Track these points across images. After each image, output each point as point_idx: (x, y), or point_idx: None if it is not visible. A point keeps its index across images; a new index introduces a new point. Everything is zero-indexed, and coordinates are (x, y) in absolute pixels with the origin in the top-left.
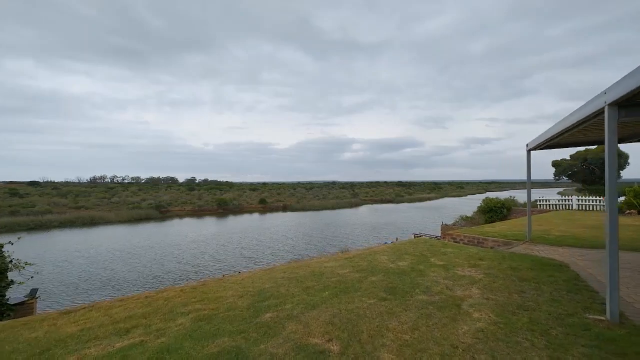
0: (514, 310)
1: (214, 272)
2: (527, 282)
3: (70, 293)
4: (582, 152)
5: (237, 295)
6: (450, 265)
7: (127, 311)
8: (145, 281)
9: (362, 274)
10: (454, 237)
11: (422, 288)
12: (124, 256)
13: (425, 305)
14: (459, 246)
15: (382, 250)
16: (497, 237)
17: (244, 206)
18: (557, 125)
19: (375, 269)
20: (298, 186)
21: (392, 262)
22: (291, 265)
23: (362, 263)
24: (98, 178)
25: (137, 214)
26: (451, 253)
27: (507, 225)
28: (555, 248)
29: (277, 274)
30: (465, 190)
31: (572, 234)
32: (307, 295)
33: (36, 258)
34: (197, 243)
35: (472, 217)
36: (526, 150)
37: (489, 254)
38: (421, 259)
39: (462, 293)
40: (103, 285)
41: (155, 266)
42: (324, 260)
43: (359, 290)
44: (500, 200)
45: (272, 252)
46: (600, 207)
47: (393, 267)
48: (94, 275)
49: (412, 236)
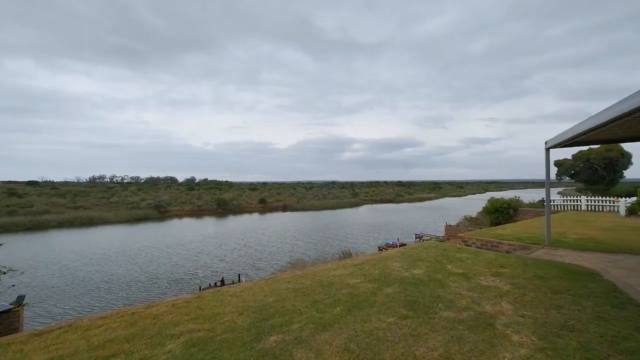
0: (558, 331)
1: (211, 275)
2: (562, 295)
3: (61, 298)
4: (585, 152)
5: (236, 312)
6: (470, 273)
7: (108, 332)
8: (139, 284)
9: (375, 284)
10: (465, 240)
11: (445, 302)
12: (119, 258)
13: (454, 324)
14: (474, 251)
15: (393, 256)
16: (513, 241)
17: (244, 206)
18: (589, 120)
19: (388, 278)
20: (298, 186)
21: (405, 269)
22: (296, 274)
23: (374, 271)
24: (97, 178)
25: (136, 214)
26: (468, 259)
27: (519, 227)
28: (578, 253)
29: (281, 284)
30: (465, 190)
31: (590, 237)
32: (317, 311)
33: (30, 259)
34: (195, 244)
35: (477, 217)
36: (545, 148)
37: (509, 261)
38: (437, 266)
39: (491, 309)
40: (95, 288)
41: (151, 267)
42: (331, 268)
43: (375, 305)
44: (506, 200)
45: (271, 253)
46: (611, 208)
47: (408, 277)
48: (87, 277)
49: (414, 236)
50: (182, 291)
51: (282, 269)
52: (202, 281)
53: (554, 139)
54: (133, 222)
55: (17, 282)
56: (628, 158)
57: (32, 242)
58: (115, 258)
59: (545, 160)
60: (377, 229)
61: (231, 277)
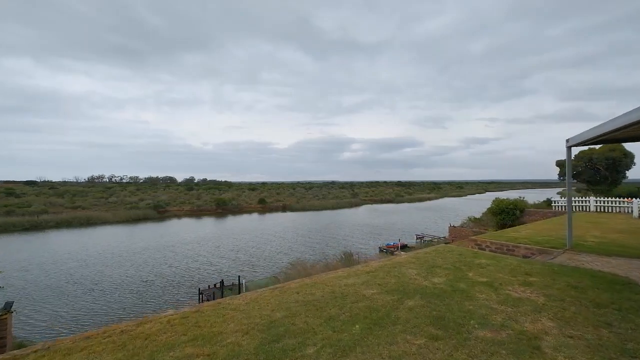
0: (618, 357)
1: (211, 276)
2: (607, 309)
3: (52, 301)
4: (587, 152)
5: (240, 331)
6: (496, 282)
7: (91, 357)
8: (133, 288)
9: (394, 295)
10: (479, 243)
11: (478, 318)
12: (115, 259)
13: (494, 347)
14: (492, 256)
15: (407, 262)
16: (530, 244)
17: (243, 206)
18: (623, 117)
19: (407, 288)
20: (297, 186)
21: (424, 277)
22: (304, 282)
23: (389, 280)
24: (96, 178)
25: (134, 214)
26: (488, 266)
27: (533, 230)
28: (605, 259)
29: (290, 296)
30: (465, 191)
31: (611, 241)
32: (333, 330)
33: (24, 261)
34: (193, 245)
35: (481, 218)
36: (566, 146)
37: (534, 268)
38: (457, 274)
39: (532, 327)
40: (88, 291)
41: (147, 269)
42: (342, 276)
43: (398, 321)
44: (512, 201)
45: (271, 254)
46: (622, 209)
47: (429, 286)
48: (80, 280)
49: (415, 237)
50: (179, 294)
51: (283, 270)
52: (201, 283)
53: (577, 137)
54: (132, 222)
55: (6, 284)
56: (631, 158)
57: (29, 242)
58: (111, 259)
59: (567, 158)
60: (378, 230)
61: (231, 280)
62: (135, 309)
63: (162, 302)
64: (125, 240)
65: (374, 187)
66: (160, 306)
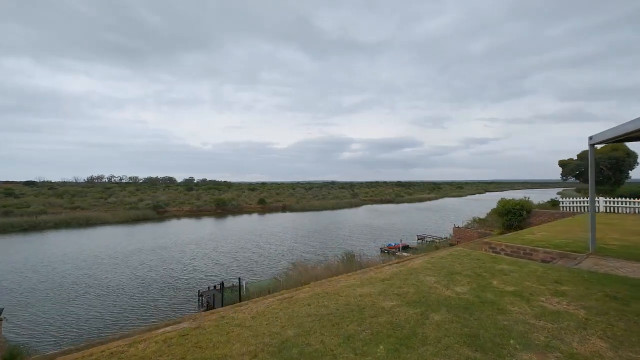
0: None
1: (208, 279)
2: None
3: (43, 306)
4: None
5: (248, 353)
6: (525, 292)
7: None
8: (127, 291)
9: (417, 308)
10: (493, 246)
11: (517, 336)
12: (111, 261)
13: None
14: (513, 261)
15: (423, 268)
16: (549, 248)
17: (243, 206)
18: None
19: (429, 299)
20: (297, 186)
21: (445, 286)
22: (315, 292)
23: (408, 289)
24: (95, 178)
25: (134, 215)
26: (512, 272)
27: (547, 232)
28: (635, 264)
29: (300, 308)
30: (465, 191)
31: (634, 244)
32: (354, 352)
33: (18, 263)
34: (192, 245)
35: (486, 219)
36: (589, 144)
37: (562, 274)
38: (481, 282)
39: (582, 347)
40: (81, 295)
41: (144, 271)
42: (356, 284)
43: (427, 341)
44: (518, 201)
45: (271, 254)
46: (633, 210)
47: (453, 297)
48: (74, 283)
49: (416, 237)
50: (177, 296)
51: (284, 271)
52: (200, 284)
53: (600, 134)
54: (131, 222)
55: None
56: (634, 158)
57: (25, 243)
58: (108, 261)
59: (590, 157)
60: (378, 230)
61: (231, 281)
62: (132, 313)
63: (159, 306)
64: (124, 241)
65: (374, 187)
66: (158, 310)
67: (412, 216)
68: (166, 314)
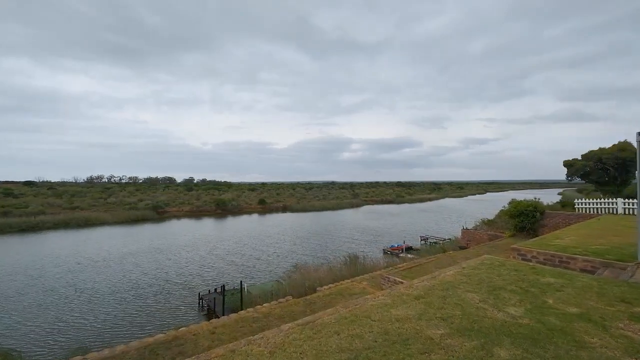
0: None
1: (207, 281)
2: None
3: (30, 311)
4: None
5: None
6: (594, 315)
7: None
8: (120, 297)
9: (472, 339)
10: (522, 253)
11: None
12: (108, 263)
13: None
14: (558, 272)
15: (457, 282)
16: (590, 256)
17: (243, 207)
18: None
19: (482, 325)
20: (297, 186)
21: (493, 306)
22: (342, 315)
23: (452, 310)
24: (95, 178)
25: (133, 215)
26: (563, 287)
27: (577, 236)
28: None
29: (328, 338)
30: (466, 191)
31: None
32: None
33: (13, 264)
34: (191, 247)
35: (494, 220)
36: (637, 140)
37: (624, 291)
38: (534, 301)
39: None
40: (69, 301)
41: (142, 273)
42: (387, 303)
43: None
44: (530, 202)
45: (271, 255)
46: None
47: (509, 322)
48: (69, 287)
49: (419, 238)
50: (176, 301)
51: (286, 273)
52: (200, 287)
53: None
54: (131, 223)
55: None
56: None
57: (22, 244)
58: (104, 263)
59: (638, 151)
60: (380, 231)
61: (232, 284)
62: (130, 319)
63: (155, 311)
64: (123, 241)
65: (374, 188)
66: (157, 317)
67: (413, 217)
68: (163, 320)
